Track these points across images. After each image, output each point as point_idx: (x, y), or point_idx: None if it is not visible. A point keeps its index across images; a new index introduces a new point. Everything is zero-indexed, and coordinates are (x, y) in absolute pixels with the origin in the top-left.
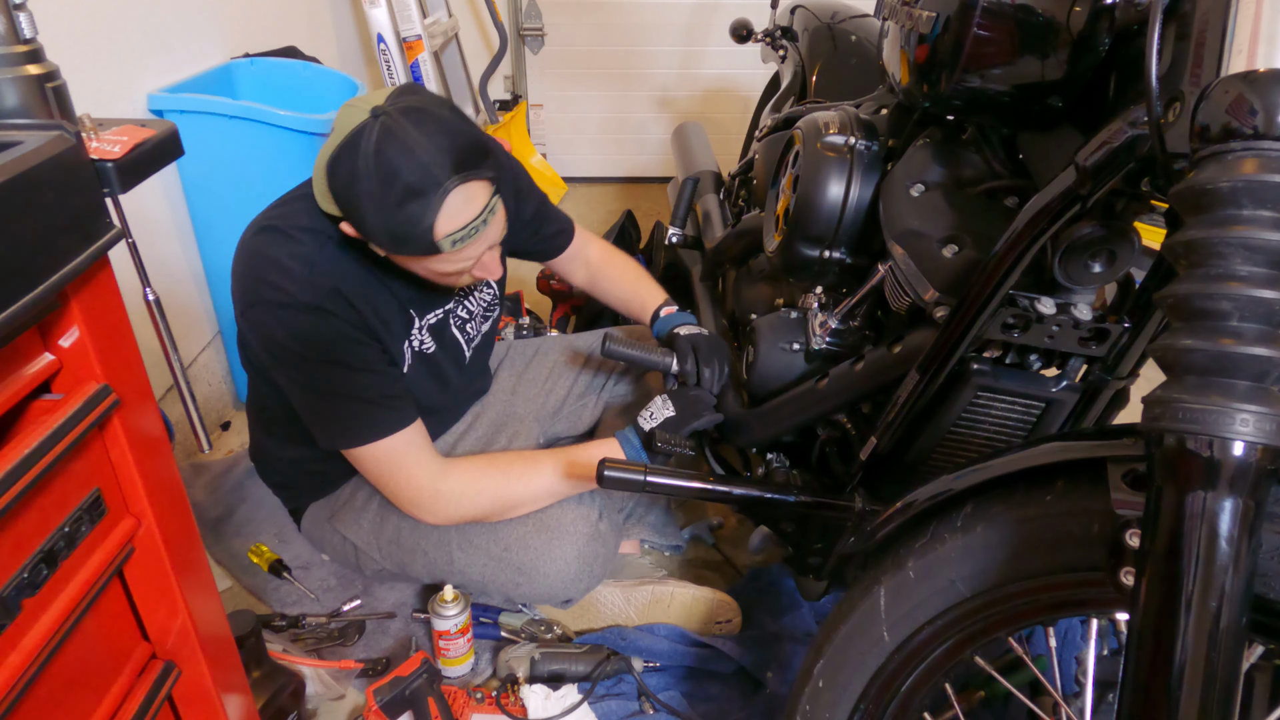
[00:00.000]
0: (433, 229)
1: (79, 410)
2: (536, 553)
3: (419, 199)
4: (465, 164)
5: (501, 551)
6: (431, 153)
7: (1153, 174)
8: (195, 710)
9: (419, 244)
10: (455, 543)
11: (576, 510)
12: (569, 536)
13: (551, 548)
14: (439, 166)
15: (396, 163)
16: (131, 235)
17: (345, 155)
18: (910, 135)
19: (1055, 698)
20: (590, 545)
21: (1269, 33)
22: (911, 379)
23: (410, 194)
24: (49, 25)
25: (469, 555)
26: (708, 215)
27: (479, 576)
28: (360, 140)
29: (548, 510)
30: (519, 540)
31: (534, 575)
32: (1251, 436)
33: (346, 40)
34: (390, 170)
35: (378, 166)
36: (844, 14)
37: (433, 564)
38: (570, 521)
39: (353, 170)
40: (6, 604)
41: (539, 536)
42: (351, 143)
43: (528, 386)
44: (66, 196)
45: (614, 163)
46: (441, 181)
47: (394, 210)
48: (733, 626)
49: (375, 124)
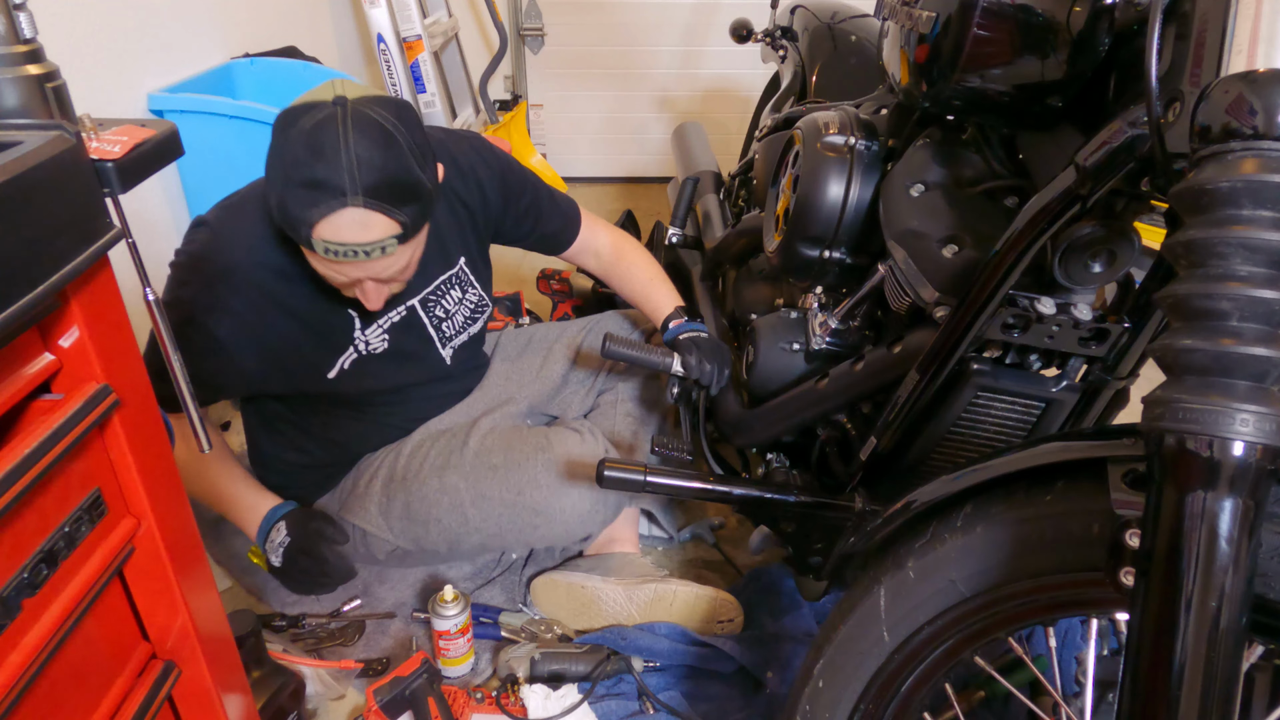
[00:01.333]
0: (313, 226)
1: (79, 410)
2: (550, 490)
3: (317, 192)
4: (379, 195)
5: (515, 496)
6: (352, 165)
7: (1153, 174)
8: (195, 710)
9: (296, 229)
10: (468, 500)
11: (583, 448)
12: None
13: (564, 483)
14: (351, 180)
15: (320, 151)
16: (131, 235)
17: (290, 115)
18: (910, 135)
19: (1055, 698)
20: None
21: (1269, 33)
22: (911, 379)
23: (314, 184)
24: (49, 25)
25: (483, 510)
26: (708, 215)
27: (495, 528)
28: (308, 111)
29: (554, 450)
30: (531, 480)
31: (550, 514)
32: (1251, 436)
33: (346, 40)
34: (312, 153)
35: (306, 143)
36: (844, 14)
37: (447, 529)
38: (579, 455)
39: (285, 134)
40: (6, 604)
41: (550, 474)
42: (302, 109)
43: (520, 373)
44: (66, 196)
45: (614, 163)
46: (344, 193)
47: (294, 187)
48: (734, 626)
49: (328, 109)
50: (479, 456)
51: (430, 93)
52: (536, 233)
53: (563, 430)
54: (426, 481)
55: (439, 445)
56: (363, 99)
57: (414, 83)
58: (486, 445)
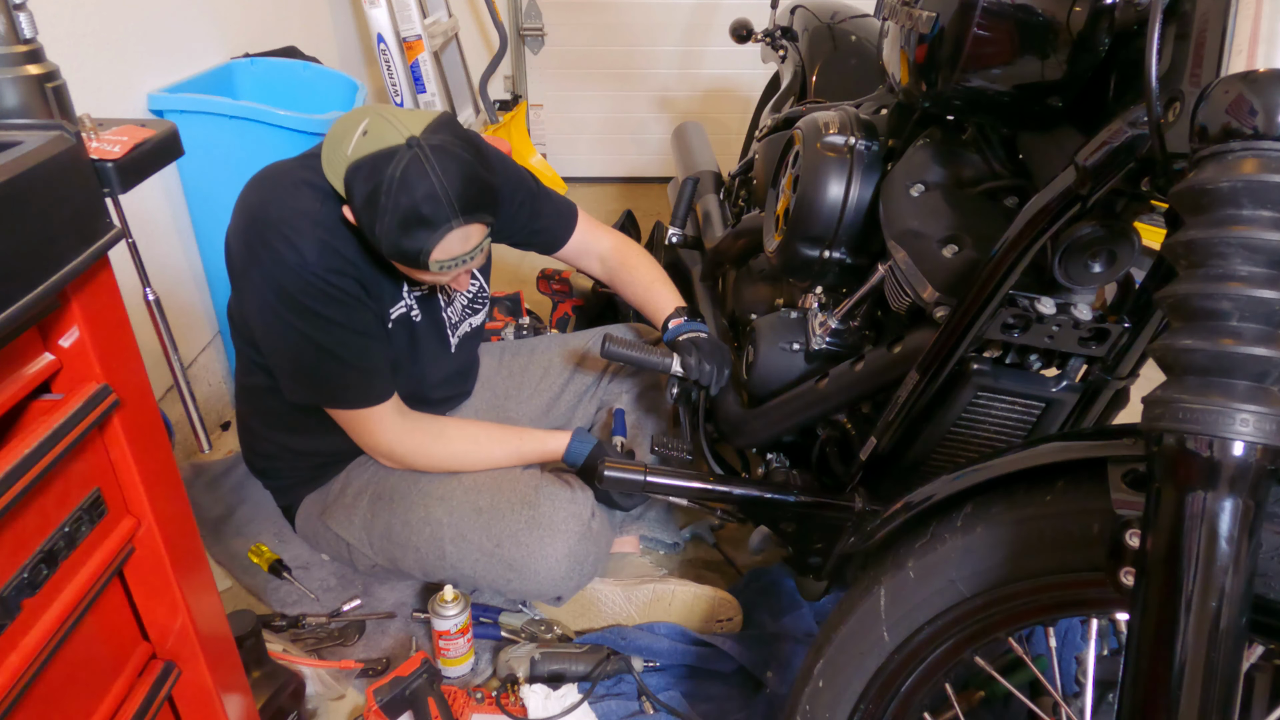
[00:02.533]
0: (428, 254)
1: (79, 410)
2: (528, 549)
3: (425, 229)
4: (471, 207)
5: (493, 547)
6: (447, 193)
7: (1153, 174)
8: (195, 710)
9: (410, 259)
10: (448, 537)
11: (569, 508)
12: (560, 534)
13: (543, 544)
14: (449, 206)
15: (416, 194)
16: (131, 235)
17: (371, 167)
18: (910, 135)
19: (1055, 698)
20: (581, 543)
21: (1269, 33)
22: (911, 379)
23: (419, 222)
24: (49, 25)
25: (460, 550)
26: (708, 215)
27: (470, 571)
28: (390, 161)
29: (540, 508)
30: (511, 536)
31: (525, 572)
32: (1251, 436)
33: (346, 40)
34: (409, 198)
35: (400, 190)
36: (844, 14)
37: (424, 559)
38: (562, 519)
39: (376, 183)
40: (6, 604)
41: (531, 533)
42: (382, 159)
43: (520, 388)
44: (66, 196)
45: (614, 163)
46: (449, 219)
47: (400, 230)
48: (734, 625)
49: (408, 153)
50: (467, 493)
51: (430, 93)
52: (531, 227)
53: (553, 485)
54: (412, 508)
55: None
56: (423, 130)
57: (414, 83)
58: (477, 482)
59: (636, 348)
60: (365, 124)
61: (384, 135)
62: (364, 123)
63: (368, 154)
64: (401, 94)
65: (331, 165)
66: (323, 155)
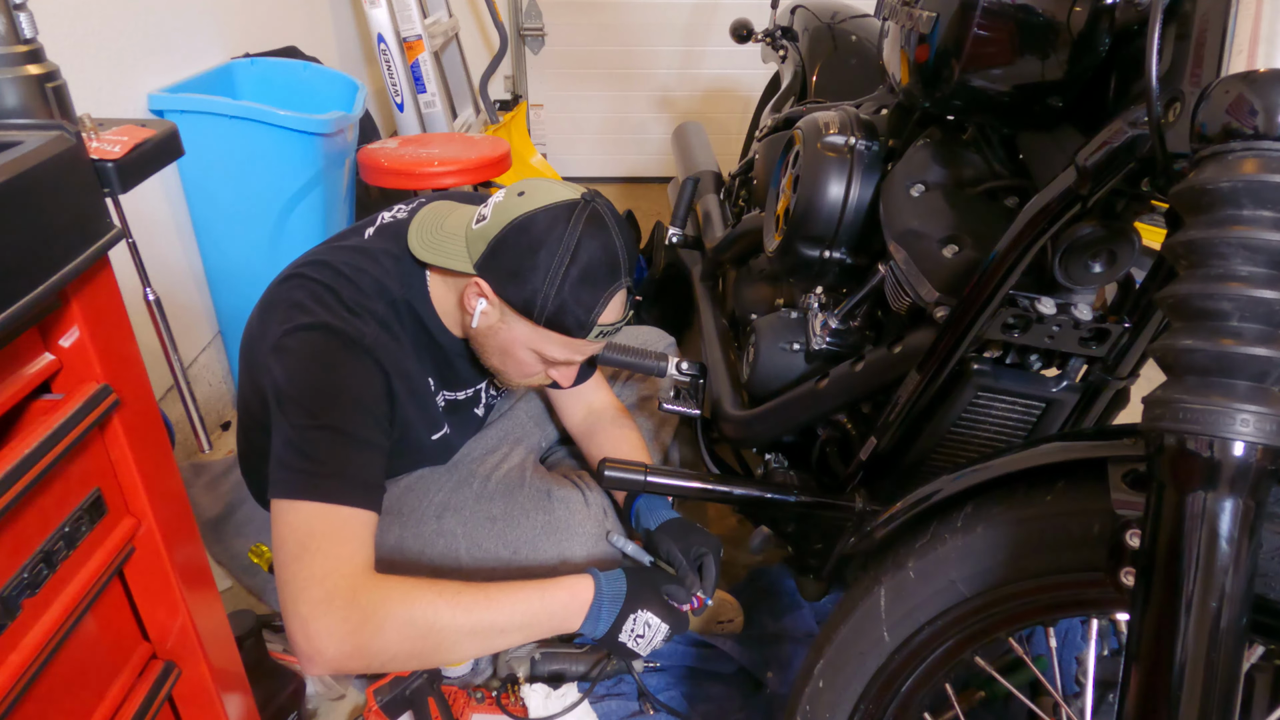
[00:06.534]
0: (597, 315)
1: (79, 410)
2: (546, 555)
3: (600, 286)
4: (629, 272)
5: (510, 555)
6: (622, 253)
7: (1153, 174)
8: (195, 710)
9: (574, 322)
10: (463, 548)
11: (585, 511)
12: (578, 537)
13: (561, 549)
14: (623, 267)
15: (597, 249)
16: (131, 235)
17: (546, 221)
18: (910, 135)
19: (1055, 698)
20: (599, 545)
21: (1269, 33)
22: (911, 379)
23: (596, 279)
24: (49, 25)
25: (478, 558)
26: (708, 215)
27: (488, 578)
28: (570, 214)
29: (555, 512)
30: (528, 543)
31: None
32: (1252, 436)
33: (346, 40)
34: (589, 252)
35: (579, 243)
36: (844, 14)
37: (438, 572)
38: (579, 522)
39: (547, 236)
40: (6, 604)
41: (548, 538)
42: (558, 213)
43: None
44: (66, 196)
45: (614, 163)
46: (621, 279)
47: (573, 285)
48: (735, 626)
49: (586, 206)
50: (479, 502)
51: (430, 93)
52: None
53: (566, 488)
54: (424, 522)
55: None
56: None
57: (414, 83)
58: (488, 491)
59: (631, 353)
60: (520, 187)
61: (553, 191)
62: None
63: (538, 207)
64: (402, 94)
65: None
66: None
